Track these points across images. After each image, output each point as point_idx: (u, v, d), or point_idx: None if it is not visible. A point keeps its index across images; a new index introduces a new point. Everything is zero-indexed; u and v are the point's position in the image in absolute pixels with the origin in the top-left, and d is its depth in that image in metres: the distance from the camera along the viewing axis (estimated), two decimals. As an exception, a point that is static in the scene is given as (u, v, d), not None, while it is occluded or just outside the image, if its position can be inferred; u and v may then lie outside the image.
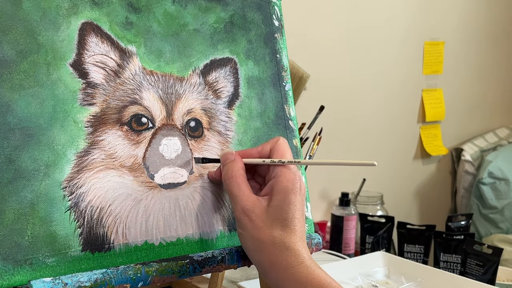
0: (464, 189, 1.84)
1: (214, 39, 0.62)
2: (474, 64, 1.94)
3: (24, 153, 0.48)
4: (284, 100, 0.68)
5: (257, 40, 0.66)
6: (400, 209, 1.70)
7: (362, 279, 0.92)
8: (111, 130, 0.53)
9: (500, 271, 1.05)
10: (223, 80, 0.63)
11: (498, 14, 1.98)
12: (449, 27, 1.82)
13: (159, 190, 0.55)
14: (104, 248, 0.50)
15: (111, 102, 0.54)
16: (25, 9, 0.50)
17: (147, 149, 0.55)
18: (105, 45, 0.54)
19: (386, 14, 1.61)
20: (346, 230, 1.28)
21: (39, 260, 0.47)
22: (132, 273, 0.50)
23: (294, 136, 0.68)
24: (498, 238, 1.63)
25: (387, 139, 1.69)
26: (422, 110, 1.78)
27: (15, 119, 0.48)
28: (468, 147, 1.87)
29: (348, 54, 1.53)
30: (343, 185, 1.46)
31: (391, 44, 1.64)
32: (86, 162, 0.51)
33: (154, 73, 0.57)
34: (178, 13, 0.60)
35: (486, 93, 2.01)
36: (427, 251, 1.24)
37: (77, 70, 0.52)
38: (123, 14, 0.56)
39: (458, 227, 1.36)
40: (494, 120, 2.05)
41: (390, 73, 1.66)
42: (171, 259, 0.53)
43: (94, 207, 0.51)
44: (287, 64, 0.69)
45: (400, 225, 1.27)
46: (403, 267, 0.95)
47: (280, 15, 0.69)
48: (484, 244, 1.06)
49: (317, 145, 0.96)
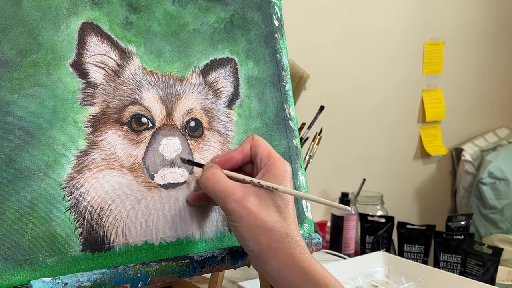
0: (464, 189, 1.85)
1: (214, 39, 0.62)
2: (474, 64, 1.94)
3: (24, 153, 0.48)
4: (284, 100, 0.68)
5: (257, 40, 0.66)
6: (400, 209, 1.70)
7: (362, 279, 0.92)
8: (111, 130, 0.53)
9: (500, 271, 1.05)
10: (223, 80, 0.63)
11: (498, 14, 1.98)
12: (449, 27, 1.82)
13: (159, 190, 0.55)
14: (104, 248, 0.50)
15: (111, 102, 0.54)
16: (25, 9, 0.50)
17: (147, 149, 0.55)
18: (105, 45, 0.54)
19: (386, 14, 1.61)
20: (346, 230, 1.28)
21: (39, 260, 0.47)
22: (132, 273, 0.50)
23: (294, 136, 0.68)
24: (498, 238, 1.64)
25: (387, 139, 1.69)
26: (422, 110, 1.79)
27: (15, 119, 0.48)
28: (468, 147, 1.87)
29: (348, 54, 1.53)
30: (343, 185, 1.46)
31: (391, 44, 1.64)
32: (86, 162, 0.51)
33: (154, 73, 0.57)
34: (178, 13, 0.60)
35: (486, 93, 2.01)
36: (427, 251, 1.24)
37: (77, 70, 0.52)
38: (123, 14, 0.56)
39: (458, 227, 1.36)
40: (494, 120, 2.05)
41: (390, 73, 1.66)
42: (171, 259, 0.53)
43: (94, 207, 0.51)
44: (287, 64, 0.69)
45: (400, 225, 1.27)
46: (403, 267, 0.95)
47: (280, 15, 0.69)
48: (484, 244, 1.06)
49: (317, 145, 0.96)
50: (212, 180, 0.51)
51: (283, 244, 0.49)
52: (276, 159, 0.53)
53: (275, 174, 0.52)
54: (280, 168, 0.52)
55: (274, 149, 0.54)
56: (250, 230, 0.49)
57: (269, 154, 0.53)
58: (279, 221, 0.50)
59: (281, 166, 0.52)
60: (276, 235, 0.49)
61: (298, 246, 0.49)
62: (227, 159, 0.54)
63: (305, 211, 0.66)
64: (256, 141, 0.54)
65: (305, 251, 0.50)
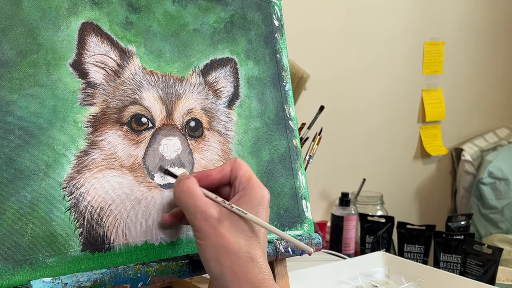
0: (464, 189, 1.84)
1: (214, 39, 0.62)
2: (474, 64, 1.94)
3: (24, 153, 0.47)
4: (284, 100, 0.68)
5: (257, 40, 0.66)
6: (400, 209, 1.70)
7: (362, 279, 0.92)
8: (111, 130, 0.53)
9: (500, 271, 1.05)
10: (223, 80, 0.63)
11: (498, 14, 1.98)
12: (449, 27, 1.82)
13: (159, 190, 0.55)
14: (104, 248, 0.50)
15: (111, 102, 0.54)
16: (25, 9, 0.50)
17: (147, 149, 0.55)
18: (105, 45, 0.54)
19: (386, 14, 1.61)
20: (346, 230, 1.28)
21: (39, 260, 0.47)
22: (132, 273, 0.50)
23: (294, 136, 0.68)
24: (498, 238, 1.63)
25: (387, 139, 1.69)
26: (422, 110, 1.78)
27: (15, 119, 0.48)
28: (468, 147, 1.87)
29: (348, 54, 1.53)
30: (343, 185, 1.46)
31: (391, 44, 1.64)
32: (86, 162, 0.51)
33: (154, 73, 0.57)
34: (178, 13, 0.60)
35: (486, 93, 2.01)
36: (427, 251, 1.24)
37: (77, 70, 0.52)
38: (123, 14, 0.56)
39: (458, 227, 1.36)
40: (494, 120, 2.05)
41: (390, 73, 1.66)
42: (171, 259, 0.53)
43: (94, 207, 0.51)
44: (287, 64, 0.69)
45: (400, 225, 1.27)
46: (403, 267, 0.95)
47: (280, 15, 0.69)
48: (484, 244, 1.06)
49: (317, 145, 0.96)
50: (186, 193, 0.50)
51: (246, 268, 0.48)
52: (256, 184, 0.52)
53: (252, 198, 0.51)
54: (258, 193, 0.51)
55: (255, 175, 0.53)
56: (215, 250, 0.48)
57: (249, 178, 0.52)
58: (245, 245, 0.48)
59: (259, 192, 0.51)
60: (239, 259, 0.48)
61: (261, 272, 0.48)
62: (204, 176, 0.53)
63: (305, 211, 0.66)
64: (238, 163, 0.53)
65: (268, 278, 0.48)
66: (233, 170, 0.53)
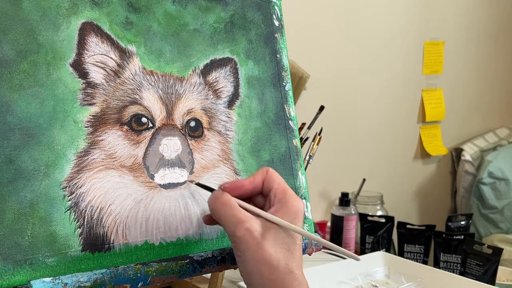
0: (464, 189, 1.84)
1: (214, 39, 0.62)
2: (474, 64, 1.94)
3: (24, 153, 0.47)
4: (284, 100, 0.68)
5: (257, 40, 0.66)
6: (400, 209, 1.70)
7: (362, 279, 0.92)
8: (111, 130, 0.53)
9: (500, 271, 1.05)
10: (223, 80, 0.63)
11: (498, 13, 1.98)
12: (449, 27, 1.82)
13: (159, 190, 0.55)
14: (104, 248, 0.50)
15: (111, 102, 0.54)
16: (25, 9, 0.50)
17: (147, 149, 0.55)
18: (105, 45, 0.54)
19: (386, 14, 1.61)
20: (346, 230, 1.28)
21: (39, 260, 0.47)
22: (132, 273, 0.50)
23: (294, 136, 0.68)
24: (498, 238, 1.63)
25: (387, 139, 1.69)
26: (422, 110, 1.78)
27: (15, 119, 0.48)
28: (468, 147, 1.87)
29: (348, 54, 1.53)
30: (343, 185, 1.46)
31: (391, 44, 1.64)
32: (86, 162, 0.51)
33: (154, 73, 0.57)
34: (178, 13, 0.60)
35: (486, 93, 2.01)
36: (427, 251, 1.24)
37: (77, 70, 0.52)
38: (123, 14, 0.56)
39: (458, 227, 1.36)
40: (494, 120, 2.05)
41: (390, 73, 1.66)
42: (171, 259, 0.53)
43: (94, 207, 0.51)
44: (287, 64, 0.69)
45: (400, 225, 1.27)
46: (403, 267, 0.95)
47: (280, 15, 0.69)
48: (484, 244, 1.06)
49: (317, 145, 0.96)
50: (225, 205, 0.50)
51: (286, 281, 0.48)
52: (292, 197, 0.52)
53: (288, 211, 0.51)
54: (295, 206, 0.52)
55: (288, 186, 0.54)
56: (256, 263, 0.48)
57: (285, 191, 0.53)
58: (284, 258, 0.49)
59: (296, 204, 0.52)
60: (279, 272, 0.48)
61: (300, 284, 0.49)
62: (236, 187, 0.53)
63: (304, 211, 0.66)
64: (270, 175, 0.53)
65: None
66: (266, 182, 0.53)
